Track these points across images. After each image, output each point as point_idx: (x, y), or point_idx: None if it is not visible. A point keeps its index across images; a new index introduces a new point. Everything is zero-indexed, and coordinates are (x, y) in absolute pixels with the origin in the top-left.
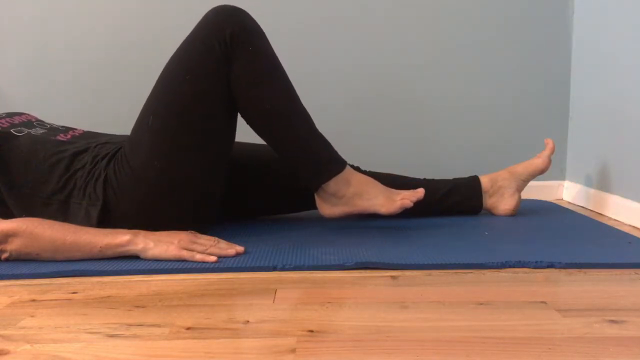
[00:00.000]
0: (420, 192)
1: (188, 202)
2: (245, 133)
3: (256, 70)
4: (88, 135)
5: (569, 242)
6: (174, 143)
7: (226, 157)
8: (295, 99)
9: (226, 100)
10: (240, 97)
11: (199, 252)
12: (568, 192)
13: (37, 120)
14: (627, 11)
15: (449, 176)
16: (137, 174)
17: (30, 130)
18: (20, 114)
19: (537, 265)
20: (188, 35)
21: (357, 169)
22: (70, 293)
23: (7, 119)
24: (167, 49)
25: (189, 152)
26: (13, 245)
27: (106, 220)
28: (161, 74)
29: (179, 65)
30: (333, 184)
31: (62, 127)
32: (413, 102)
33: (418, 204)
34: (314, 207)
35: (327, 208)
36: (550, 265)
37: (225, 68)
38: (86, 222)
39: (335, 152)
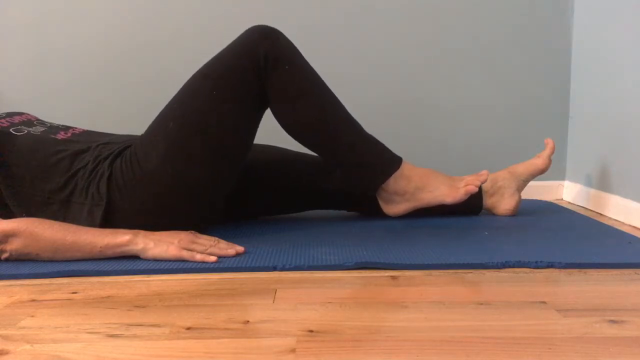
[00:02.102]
0: (484, 175)
1: (195, 206)
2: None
3: (295, 87)
4: (88, 134)
5: (569, 242)
6: (191, 152)
7: (240, 166)
8: (339, 107)
9: (250, 118)
10: (282, 114)
11: (199, 252)
12: (568, 192)
13: (37, 119)
14: (627, 11)
15: None
16: (148, 176)
17: (30, 130)
18: (20, 114)
19: (537, 265)
20: (222, 51)
21: None
22: (70, 293)
23: (7, 119)
24: (166, 49)
25: (203, 163)
26: (13, 245)
27: (109, 220)
28: (188, 82)
29: (208, 79)
30: (393, 183)
31: (62, 125)
32: (413, 103)
33: None
34: (317, 207)
35: (391, 207)
36: (550, 265)
37: (255, 89)
38: (89, 222)
39: (389, 151)
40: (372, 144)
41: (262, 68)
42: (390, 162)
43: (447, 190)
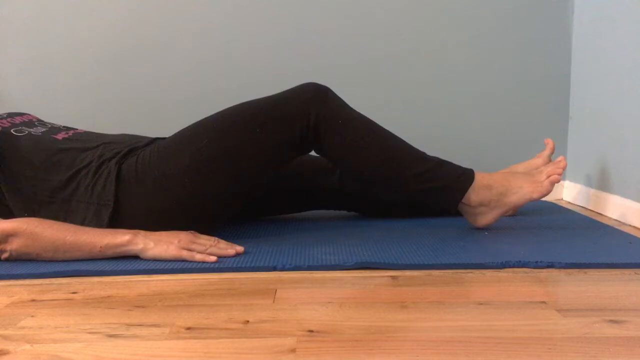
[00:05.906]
0: (562, 162)
1: (204, 216)
2: None
3: (351, 139)
4: (89, 134)
5: (569, 242)
6: (213, 176)
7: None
8: (395, 142)
9: (280, 162)
10: (342, 163)
11: (198, 252)
12: (568, 192)
13: (38, 120)
14: (627, 11)
15: None
16: (162, 183)
17: (30, 130)
18: (21, 114)
19: (537, 265)
20: (274, 99)
21: None
22: (70, 293)
23: (9, 119)
24: (167, 50)
25: (221, 186)
26: (13, 245)
27: (117, 220)
28: (235, 111)
29: (255, 115)
30: (474, 196)
31: (64, 126)
32: (413, 102)
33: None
34: (317, 207)
35: (479, 220)
36: (550, 265)
37: (297, 142)
38: (97, 222)
39: (458, 168)
40: (438, 166)
41: (311, 127)
42: (462, 178)
43: (531, 187)
